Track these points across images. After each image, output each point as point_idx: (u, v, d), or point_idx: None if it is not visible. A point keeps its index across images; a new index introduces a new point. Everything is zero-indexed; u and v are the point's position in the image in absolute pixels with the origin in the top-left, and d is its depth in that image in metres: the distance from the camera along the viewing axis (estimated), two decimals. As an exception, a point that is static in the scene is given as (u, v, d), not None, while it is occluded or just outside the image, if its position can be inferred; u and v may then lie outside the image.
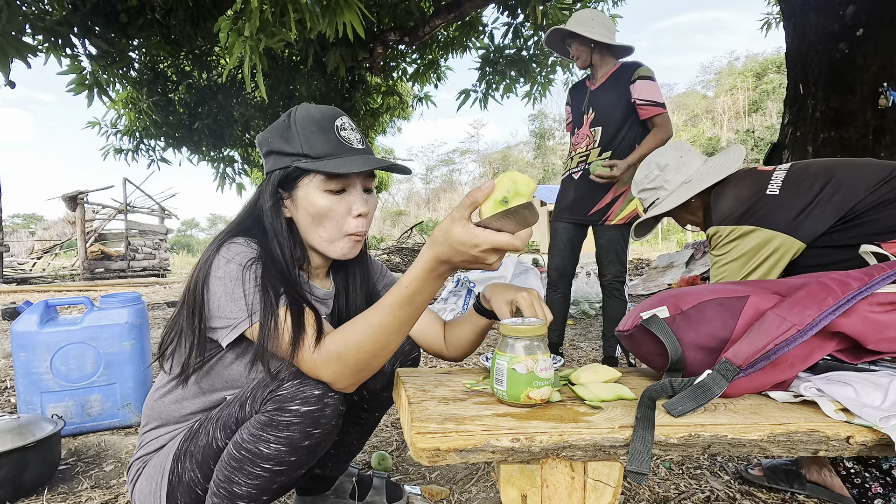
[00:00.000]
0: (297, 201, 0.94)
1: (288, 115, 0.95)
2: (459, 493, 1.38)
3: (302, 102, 1.22)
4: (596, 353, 3.04)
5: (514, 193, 0.69)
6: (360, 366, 0.80)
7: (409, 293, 0.75)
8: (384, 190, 14.35)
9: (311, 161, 0.91)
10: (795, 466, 1.35)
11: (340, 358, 0.79)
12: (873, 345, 0.78)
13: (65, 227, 18.12)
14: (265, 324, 0.82)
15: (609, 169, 2.26)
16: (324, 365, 0.80)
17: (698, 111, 38.15)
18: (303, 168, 0.91)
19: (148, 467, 0.95)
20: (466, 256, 0.69)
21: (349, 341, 0.79)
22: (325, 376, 0.81)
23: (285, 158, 0.92)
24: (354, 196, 0.95)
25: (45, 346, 1.79)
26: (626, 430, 0.69)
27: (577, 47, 2.40)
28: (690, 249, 5.97)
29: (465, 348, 1.10)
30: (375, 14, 4.90)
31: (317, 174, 0.91)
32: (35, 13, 3.80)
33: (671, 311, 0.86)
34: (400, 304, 0.76)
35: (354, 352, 0.79)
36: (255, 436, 0.83)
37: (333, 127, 0.93)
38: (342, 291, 1.10)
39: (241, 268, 0.85)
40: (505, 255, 0.73)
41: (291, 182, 0.93)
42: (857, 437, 0.69)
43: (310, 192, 0.92)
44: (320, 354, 0.80)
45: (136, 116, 5.49)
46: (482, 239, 0.67)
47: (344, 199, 0.94)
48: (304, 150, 0.91)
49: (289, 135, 0.92)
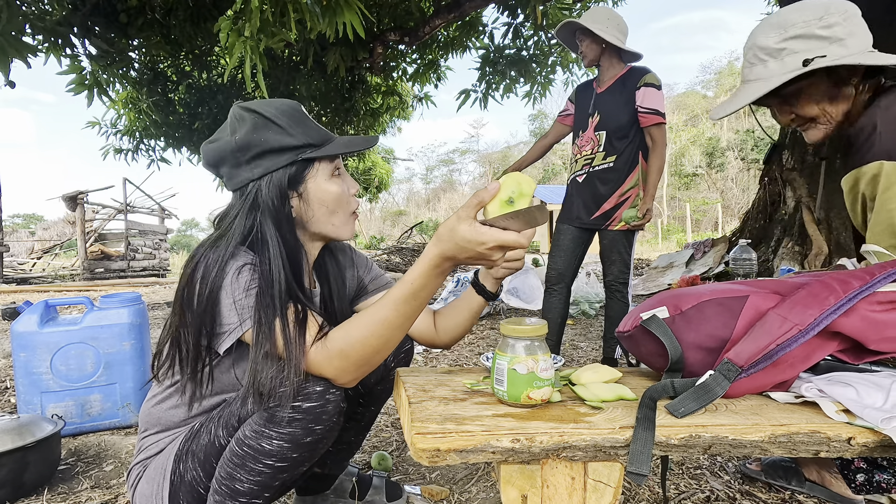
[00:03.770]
0: (309, 194, 0.94)
1: (253, 113, 0.91)
2: (459, 493, 1.38)
3: (301, 102, 1.23)
4: (596, 353, 3.04)
5: (518, 194, 0.73)
6: (364, 361, 0.81)
7: (413, 289, 0.77)
8: (384, 190, 14.35)
9: (316, 149, 0.92)
10: (794, 464, 1.35)
11: (343, 354, 0.80)
12: (874, 345, 0.78)
13: (65, 227, 18.12)
14: (262, 329, 0.82)
15: (636, 213, 2.30)
16: (326, 361, 0.81)
17: (698, 111, 38.14)
18: (310, 158, 0.92)
19: (149, 470, 0.95)
20: (472, 253, 0.73)
21: (352, 337, 0.80)
22: (328, 373, 0.81)
23: (286, 155, 0.90)
24: (346, 176, 0.99)
25: (45, 346, 1.78)
26: (627, 430, 0.69)
27: (587, 44, 2.36)
28: (690, 249, 5.97)
29: (458, 331, 1.09)
30: (375, 14, 4.90)
31: (322, 161, 0.93)
32: (35, 13, 3.81)
33: (671, 312, 0.86)
34: (405, 300, 0.78)
35: (359, 347, 0.80)
36: (257, 432, 0.83)
37: (304, 113, 0.95)
38: (325, 285, 1.11)
39: (238, 273, 0.85)
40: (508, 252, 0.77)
41: (300, 177, 0.93)
42: (858, 439, 0.69)
43: (320, 181, 0.94)
44: (323, 351, 0.81)
45: (136, 116, 5.50)
46: (489, 237, 0.71)
47: (343, 181, 0.98)
48: (307, 140, 0.92)
49: (280, 129, 0.90)
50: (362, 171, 13.19)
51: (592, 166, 2.38)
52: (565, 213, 2.51)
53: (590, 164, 2.39)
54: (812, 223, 4.31)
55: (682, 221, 24.66)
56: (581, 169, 2.43)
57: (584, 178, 2.42)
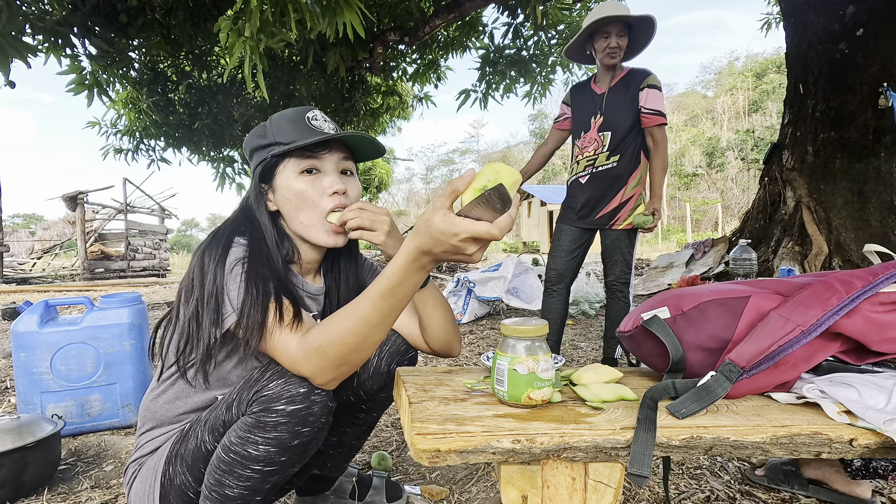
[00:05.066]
0: (277, 190, 0.98)
1: (267, 120, 1.02)
2: (459, 493, 1.38)
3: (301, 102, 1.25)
4: (596, 353, 3.04)
5: (494, 182, 0.65)
6: (342, 359, 0.79)
7: (391, 284, 0.74)
8: (384, 190, 14.36)
9: (281, 146, 0.96)
10: (795, 467, 1.34)
11: (321, 351, 0.78)
12: (877, 346, 0.77)
13: (65, 227, 18.12)
14: (244, 318, 0.82)
15: (651, 218, 2.30)
16: (304, 359, 0.79)
17: (698, 111, 38.13)
18: (276, 154, 0.96)
19: (143, 470, 0.95)
20: (447, 246, 0.68)
21: (330, 334, 0.78)
22: (306, 370, 0.80)
23: (262, 152, 0.98)
24: (328, 175, 0.97)
25: (45, 346, 1.78)
26: (628, 431, 0.68)
27: (617, 38, 2.26)
28: (690, 249, 5.96)
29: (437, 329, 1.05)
30: (375, 14, 4.90)
31: (290, 158, 0.96)
32: (35, 13, 3.80)
33: (672, 312, 0.86)
34: (381, 296, 0.75)
35: (336, 344, 0.77)
36: (242, 438, 0.82)
37: (304, 118, 0.98)
38: (333, 289, 1.10)
39: (234, 265, 0.86)
40: (487, 246, 0.71)
41: (270, 172, 0.98)
42: (860, 440, 0.68)
43: (286, 177, 0.96)
44: (301, 347, 0.80)
45: (136, 116, 5.49)
46: (461, 227, 0.66)
47: (318, 181, 0.97)
48: (276, 138, 0.96)
49: (263, 131, 0.99)
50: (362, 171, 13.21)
51: (595, 167, 2.38)
52: (566, 213, 2.50)
53: (592, 164, 2.39)
54: (812, 223, 4.31)
55: (682, 221, 24.66)
56: (583, 170, 2.42)
57: (588, 178, 2.41)
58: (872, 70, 4.10)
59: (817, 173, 4.42)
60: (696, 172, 31.99)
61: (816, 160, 4.45)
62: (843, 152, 4.28)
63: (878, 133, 4.11)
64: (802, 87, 4.66)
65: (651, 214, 2.30)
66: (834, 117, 4.35)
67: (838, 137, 4.32)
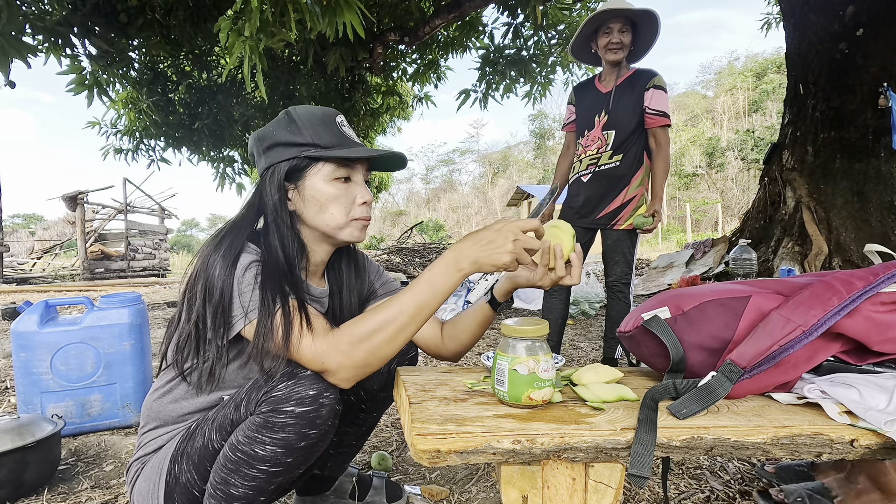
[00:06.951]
0: (304, 191, 0.96)
1: (287, 113, 0.99)
2: (459, 493, 1.38)
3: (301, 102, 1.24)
4: (596, 353, 3.04)
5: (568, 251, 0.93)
6: (366, 359, 0.82)
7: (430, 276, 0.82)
8: (384, 190, 14.34)
9: (321, 150, 0.95)
10: (808, 469, 1.34)
11: (351, 345, 0.81)
12: (878, 346, 0.77)
13: (65, 227, 18.12)
14: (262, 321, 0.82)
15: (651, 220, 2.29)
16: (334, 349, 0.81)
17: (698, 111, 38.09)
18: (313, 157, 0.95)
19: (146, 468, 0.95)
20: (489, 233, 0.81)
21: (362, 331, 0.81)
22: (331, 363, 0.81)
23: (292, 149, 0.95)
24: (359, 185, 0.99)
25: (45, 346, 1.78)
26: (628, 431, 0.68)
27: (619, 34, 2.26)
28: (690, 249, 5.96)
29: (464, 339, 1.10)
30: (375, 14, 4.89)
31: (327, 162, 0.95)
32: (35, 13, 3.80)
33: (672, 312, 0.86)
34: (418, 285, 0.83)
35: (366, 343, 0.81)
36: (250, 438, 0.82)
37: (335, 122, 0.98)
38: (336, 291, 1.11)
39: (244, 268, 0.86)
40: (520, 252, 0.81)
41: (299, 173, 0.96)
42: (861, 441, 0.68)
43: (318, 181, 0.96)
44: (328, 342, 0.81)
45: (136, 116, 5.49)
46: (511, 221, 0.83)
47: (349, 188, 0.98)
48: (314, 140, 0.95)
49: (294, 128, 0.96)
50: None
51: (598, 165, 2.38)
52: (567, 212, 2.50)
53: (595, 163, 2.39)
54: (812, 223, 4.30)
55: (682, 221, 24.65)
56: (586, 168, 2.42)
57: (590, 177, 2.41)
58: (872, 70, 4.10)
59: (817, 173, 4.42)
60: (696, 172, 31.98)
61: (816, 160, 4.45)
62: (843, 152, 4.28)
63: (877, 133, 4.11)
64: (802, 87, 4.66)
65: (651, 216, 2.29)
66: (834, 117, 4.35)
67: (838, 137, 4.32)
